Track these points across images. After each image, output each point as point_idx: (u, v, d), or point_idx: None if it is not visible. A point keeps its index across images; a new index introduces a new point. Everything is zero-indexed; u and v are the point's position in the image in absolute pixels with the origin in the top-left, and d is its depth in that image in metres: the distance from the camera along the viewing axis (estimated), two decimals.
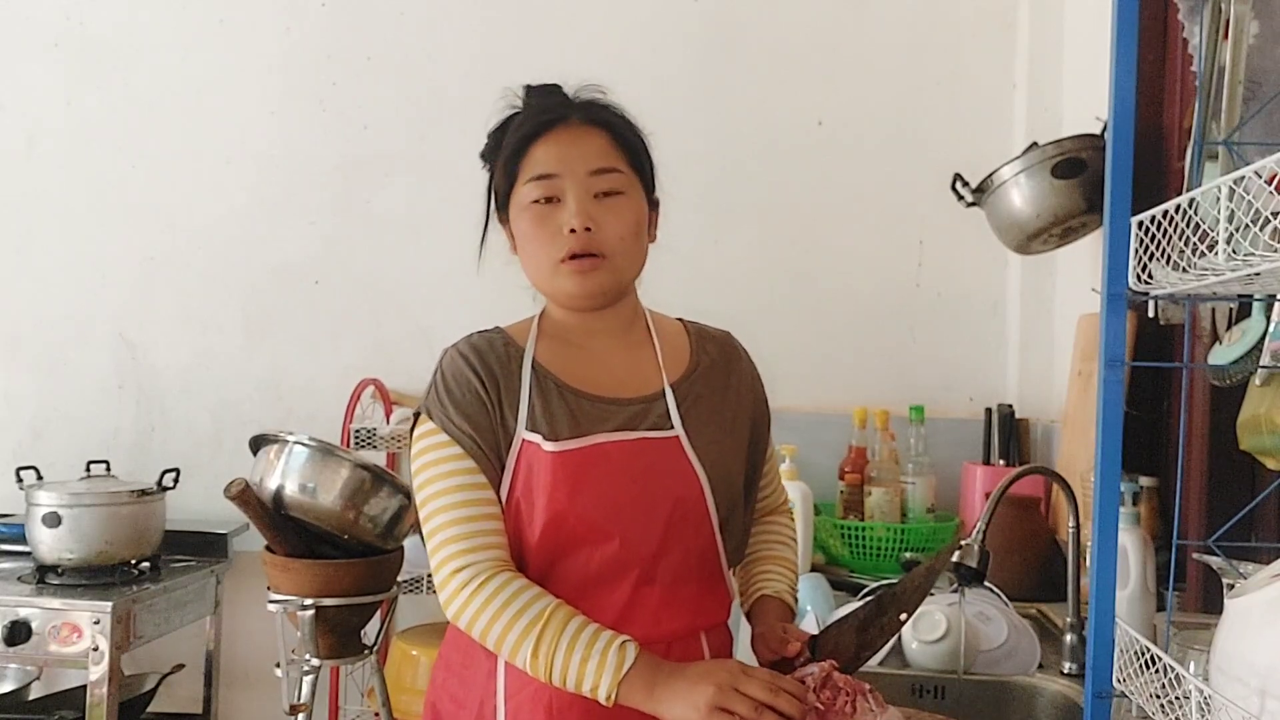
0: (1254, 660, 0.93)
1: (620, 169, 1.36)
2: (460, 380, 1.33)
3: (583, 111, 1.38)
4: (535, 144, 1.35)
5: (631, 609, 1.31)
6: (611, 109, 1.40)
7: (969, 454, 2.72)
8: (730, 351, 1.49)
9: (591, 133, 1.37)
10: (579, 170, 1.33)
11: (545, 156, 1.34)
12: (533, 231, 1.34)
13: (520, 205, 1.35)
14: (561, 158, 1.34)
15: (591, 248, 1.32)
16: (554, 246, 1.32)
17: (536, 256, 1.35)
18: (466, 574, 1.25)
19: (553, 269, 1.33)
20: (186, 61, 3.07)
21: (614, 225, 1.33)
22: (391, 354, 3.02)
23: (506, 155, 1.36)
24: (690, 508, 1.34)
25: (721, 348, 1.48)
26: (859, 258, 2.93)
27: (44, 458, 2.93)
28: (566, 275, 1.33)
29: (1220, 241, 0.93)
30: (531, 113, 1.38)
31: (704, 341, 1.48)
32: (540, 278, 1.37)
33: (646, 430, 1.34)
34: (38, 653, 2.50)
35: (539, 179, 1.33)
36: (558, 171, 1.33)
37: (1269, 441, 1.38)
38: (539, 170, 1.34)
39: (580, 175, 1.33)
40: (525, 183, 1.34)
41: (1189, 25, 1.38)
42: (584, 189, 1.33)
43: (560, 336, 1.40)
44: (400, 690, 2.56)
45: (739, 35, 2.96)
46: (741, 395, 1.46)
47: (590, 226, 1.31)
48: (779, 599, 1.43)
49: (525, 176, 1.34)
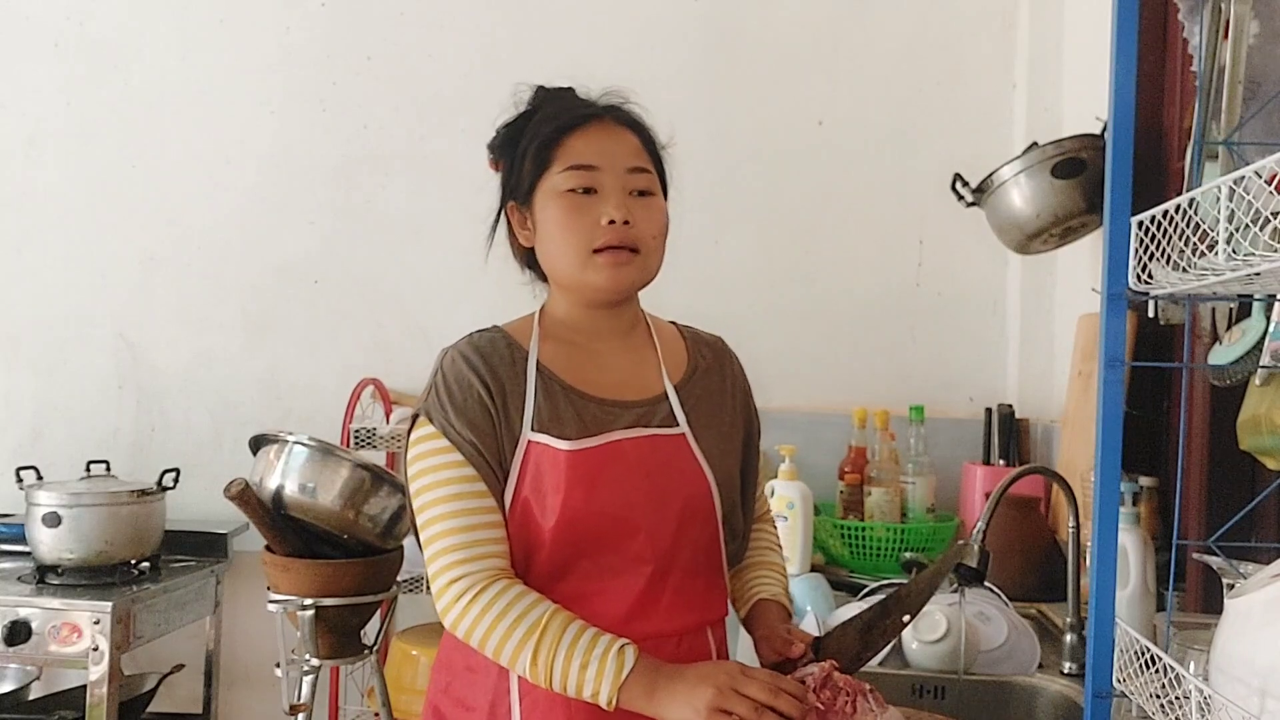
0: (1254, 660, 0.93)
1: (650, 170, 1.38)
2: (462, 383, 1.31)
3: (614, 112, 1.39)
4: (572, 134, 1.35)
5: (647, 603, 1.31)
6: (638, 114, 1.42)
7: (969, 454, 2.72)
8: (724, 356, 1.50)
9: (625, 132, 1.38)
10: (618, 166, 1.34)
11: (585, 148, 1.34)
12: (566, 220, 1.33)
13: (552, 192, 1.34)
14: (601, 151, 1.34)
15: (629, 241, 1.32)
16: (591, 236, 1.32)
17: (566, 245, 1.33)
18: (463, 584, 1.25)
19: (585, 259, 1.33)
20: (186, 61, 3.07)
21: (648, 223, 1.34)
22: (391, 354, 3.02)
23: (540, 142, 1.36)
24: (699, 504, 1.35)
25: (715, 352, 1.50)
26: (859, 258, 2.93)
27: (44, 458, 2.93)
28: (600, 267, 1.33)
29: (1220, 241, 0.93)
30: (564, 105, 1.39)
31: (699, 345, 1.49)
32: (567, 267, 1.35)
33: (656, 428, 1.35)
34: (38, 653, 2.50)
35: (578, 168, 1.33)
36: (597, 163, 1.33)
37: (1269, 441, 1.38)
38: (578, 160, 1.33)
39: (619, 171, 1.34)
40: (561, 171, 1.34)
41: (1189, 25, 1.38)
42: (622, 184, 1.34)
43: (563, 337, 1.39)
44: (400, 690, 2.56)
45: (739, 35, 2.97)
46: (736, 399, 1.47)
47: (629, 220, 1.32)
48: (777, 602, 1.44)
49: (561, 165, 1.34)
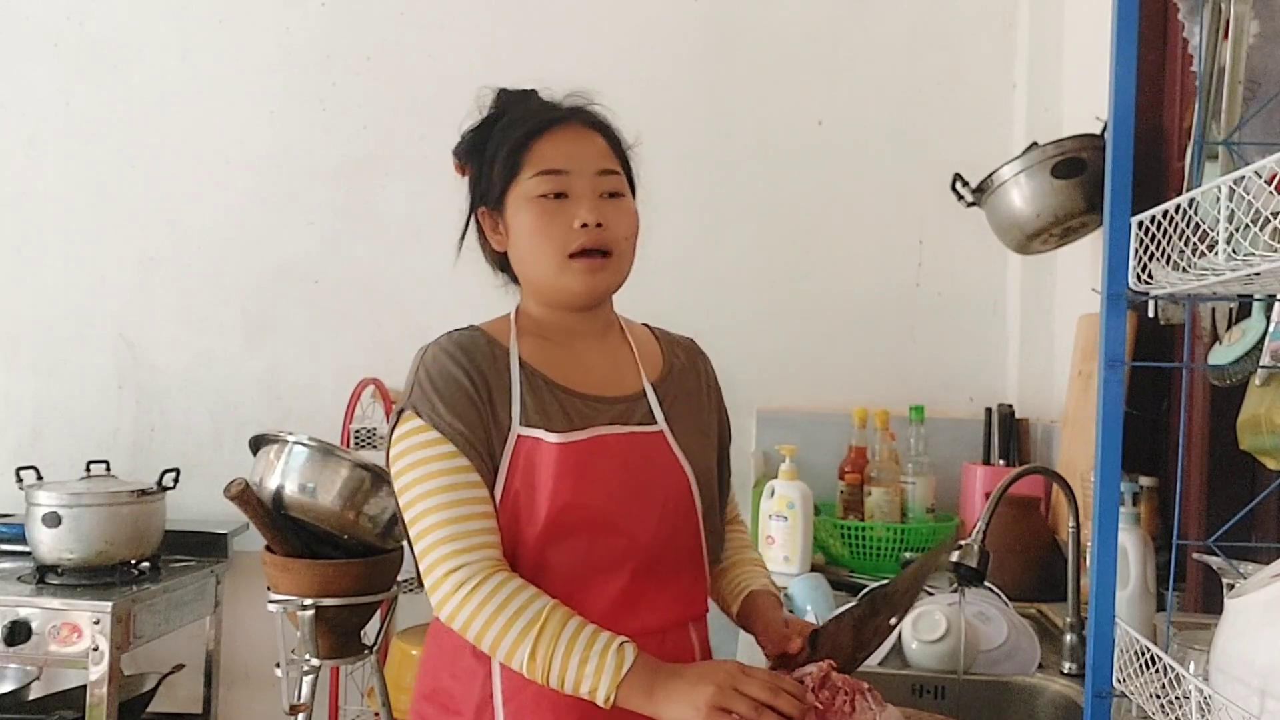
0: (1254, 660, 0.93)
1: (619, 172, 1.38)
2: (447, 377, 1.31)
3: (580, 115, 1.39)
4: (540, 139, 1.35)
5: (630, 599, 1.31)
6: (603, 115, 1.42)
7: (969, 454, 2.72)
8: (697, 357, 1.52)
9: (593, 134, 1.38)
10: (588, 169, 1.34)
11: (554, 152, 1.34)
12: (538, 225, 1.33)
13: (524, 198, 1.34)
14: (571, 155, 1.35)
15: (602, 244, 1.33)
16: (564, 240, 1.32)
17: (541, 251, 1.34)
18: (461, 575, 1.24)
19: (560, 264, 1.33)
20: (186, 61, 3.07)
21: (620, 225, 1.35)
22: (391, 354, 3.01)
23: (509, 148, 1.36)
24: (680, 500, 1.36)
25: (688, 353, 1.51)
26: (859, 258, 2.93)
27: (44, 458, 2.93)
28: (575, 271, 1.33)
29: (1220, 241, 0.93)
30: (531, 110, 1.39)
31: (673, 346, 1.50)
32: (542, 273, 1.36)
33: (636, 425, 1.36)
34: (38, 653, 2.50)
35: (548, 174, 1.34)
36: (568, 168, 1.34)
37: (1269, 441, 1.38)
38: (548, 165, 1.34)
39: (589, 174, 1.34)
40: (532, 176, 1.34)
41: (1189, 25, 1.38)
42: (592, 187, 1.34)
43: (541, 335, 1.39)
44: (400, 690, 2.56)
45: (739, 35, 2.96)
46: (710, 399, 1.49)
47: (601, 223, 1.32)
48: (767, 592, 1.45)
49: (531, 170, 1.34)
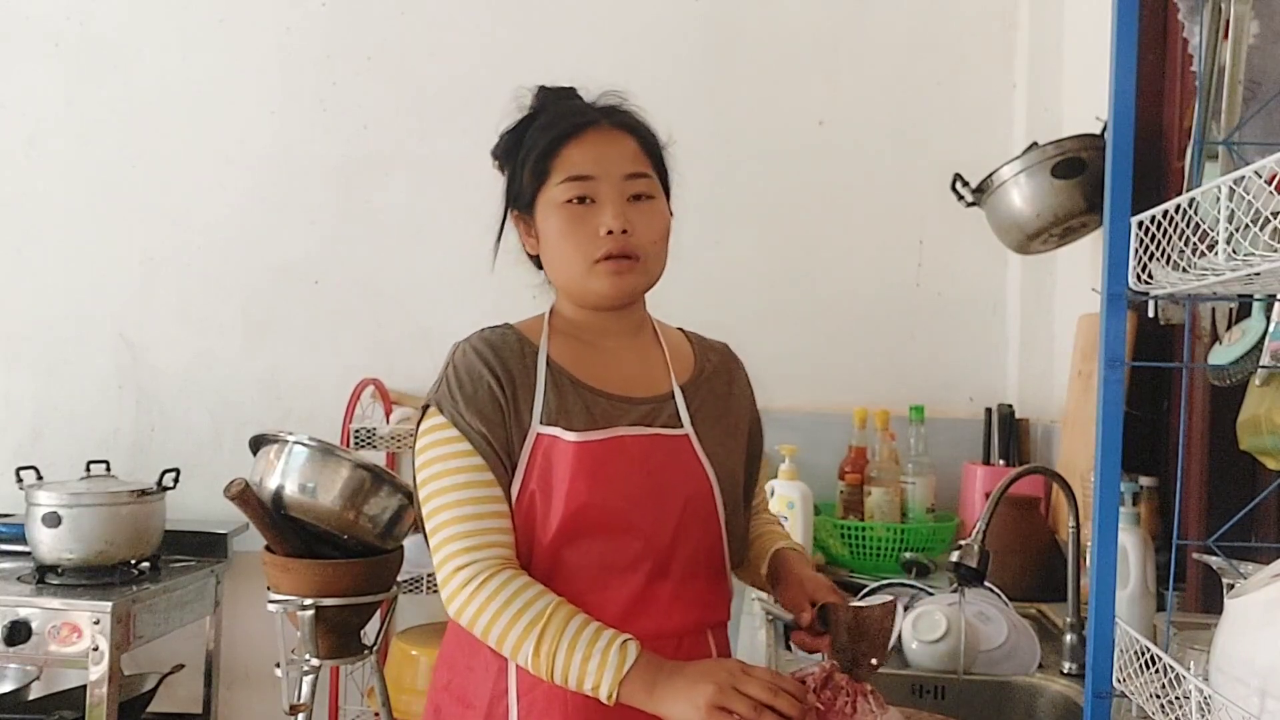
0: (1254, 660, 0.93)
1: (649, 174, 1.38)
2: (474, 375, 1.32)
3: (611, 116, 1.39)
4: (568, 144, 1.35)
5: (644, 602, 1.32)
6: (636, 115, 1.42)
7: (969, 454, 2.72)
8: (730, 361, 1.52)
9: (622, 137, 1.38)
10: (614, 173, 1.35)
11: (580, 157, 1.35)
12: (567, 230, 1.34)
13: (552, 204, 1.35)
14: (597, 159, 1.35)
15: (628, 250, 1.33)
16: (591, 247, 1.33)
17: (569, 256, 1.35)
18: (469, 571, 1.25)
19: (587, 269, 1.34)
20: (186, 61, 3.07)
21: (648, 229, 1.35)
22: (391, 354, 3.02)
23: (537, 154, 1.37)
24: (700, 504, 1.36)
25: (722, 357, 1.51)
26: (859, 258, 2.93)
27: (44, 458, 2.92)
28: (602, 276, 1.34)
29: (1220, 241, 0.93)
30: (561, 113, 1.39)
31: (706, 350, 1.51)
32: (570, 277, 1.37)
33: (660, 428, 1.36)
34: (38, 653, 2.50)
35: (574, 179, 1.34)
36: (594, 173, 1.34)
37: (1269, 441, 1.38)
38: (574, 171, 1.34)
39: (616, 178, 1.34)
40: (559, 183, 1.35)
41: (1189, 25, 1.38)
42: (619, 192, 1.34)
43: (573, 335, 1.40)
44: (400, 690, 2.56)
45: (739, 35, 2.97)
46: (741, 404, 1.49)
47: (627, 229, 1.33)
48: (793, 550, 1.46)
49: (559, 176, 1.35)
